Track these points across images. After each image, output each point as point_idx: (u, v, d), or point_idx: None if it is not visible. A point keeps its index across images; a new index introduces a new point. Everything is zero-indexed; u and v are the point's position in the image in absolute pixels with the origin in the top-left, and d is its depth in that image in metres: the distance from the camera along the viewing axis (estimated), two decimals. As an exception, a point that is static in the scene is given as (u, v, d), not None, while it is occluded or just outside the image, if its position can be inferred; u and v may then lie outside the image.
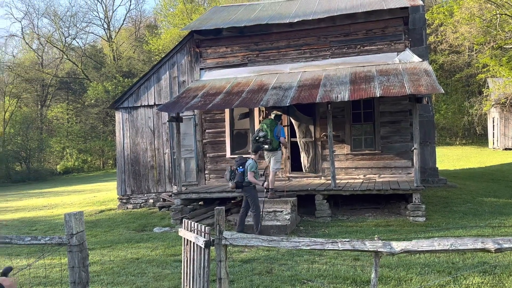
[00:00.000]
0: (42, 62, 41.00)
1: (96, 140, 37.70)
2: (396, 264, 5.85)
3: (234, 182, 8.05)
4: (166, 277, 5.85)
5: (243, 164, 8.07)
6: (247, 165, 8.05)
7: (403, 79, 9.58)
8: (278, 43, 11.81)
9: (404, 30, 11.10)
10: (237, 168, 8.07)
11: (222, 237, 3.91)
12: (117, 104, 13.62)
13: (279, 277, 5.55)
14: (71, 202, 15.65)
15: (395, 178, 10.77)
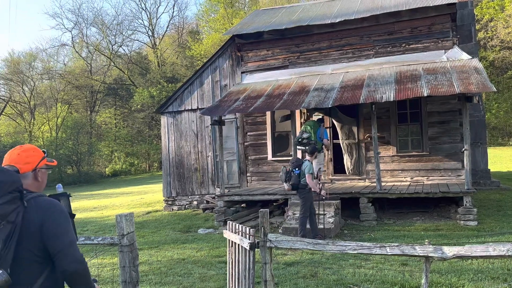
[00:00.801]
0: (91, 69, 42.86)
1: (142, 144, 38.94)
2: (446, 269, 5.62)
3: (290, 184, 7.83)
4: (211, 278, 5.93)
5: (300, 166, 7.84)
6: (304, 167, 7.81)
7: (451, 77, 9.21)
8: (319, 44, 11.71)
9: (451, 27, 10.68)
10: (293, 170, 7.84)
11: (267, 240, 3.92)
12: (163, 108, 14.01)
13: (324, 281, 5.49)
14: (119, 203, 16.25)
15: (445, 180, 10.36)
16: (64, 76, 40.55)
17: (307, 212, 7.94)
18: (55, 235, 1.89)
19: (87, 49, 43.67)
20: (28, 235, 1.87)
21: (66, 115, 38.17)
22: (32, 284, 1.86)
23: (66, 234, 1.93)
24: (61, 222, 1.94)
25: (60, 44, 44.14)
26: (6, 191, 1.81)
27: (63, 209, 2.02)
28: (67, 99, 40.10)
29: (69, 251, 1.91)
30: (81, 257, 1.96)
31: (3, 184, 1.82)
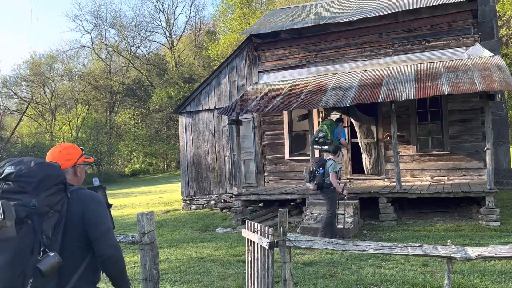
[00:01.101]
0: (110, 70, 43.50)
1: (160, 144, 39.35)
2: (469, 270, 5.52)
3: (316, 184, 7.71)
4: (230, 277, 5.96)
5: (324, 165, 7.72)
6: (328, 166, 7.69)
7: (473, 75, 9.03)
8: (337, 42, 11.63)
9: (472, 24, 10.47)
10: (317, 169, 7.74)
11: (286, 239, 3.91)
12: (180, 109, 14.13)
13: (343, 281, 5.45)
14: (139, 202, 16.46)
15: (466, 180, 10.16)
16: (84, 77, 41.28)
17: (334, 211, 7.82)
18: (95, 223, 2.08)
19: (106, 51, 44.36)
20: (72, 224, 2.05)
21: (86, 115, 38.84)
22: (75, 270, 2.04)
23: (104, 222, 2.13)
24: (100, 211, 2.14)
25: (80, 46, 44.98)
26: (53, 183, 2.01)
27: (101, 200, 2.22)
28: (87, 100, 40.80)
29: (107, 238, 2.10)
30: (117, 244, 2.15)
31: (51, 177, 2.01)
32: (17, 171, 1.97)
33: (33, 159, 2.08)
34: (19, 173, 1.96)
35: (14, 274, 1.85)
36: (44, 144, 34.39)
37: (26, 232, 1.89)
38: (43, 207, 1.94)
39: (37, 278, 1.88)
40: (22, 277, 1.86)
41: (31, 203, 1.92)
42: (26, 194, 1.93)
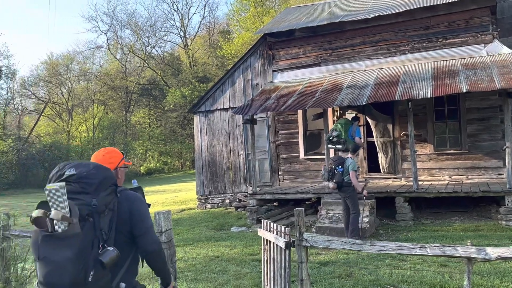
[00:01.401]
0: (126, 70, 43.94)
1: (175, 143, 39.64)
2: (488, 271, 5.43)
3: (335, 182, 7.62)
4: (245, 276, 5.97)
5: (342, 164, 7.64)
6: (348, 164, 7.61)
7: (492, 72, 8.86)
8: (352, 40, 11.53)
9: (491, 20, 10.27)
10: (336, 167, 7.64)
11: (302, 238, 3.90)
12: (195, 108, 14.20)
13: (360, 281, 5.41)
14: (154, 201, 16.60)
15: (485, 179, 9.99)
16: (100, 77, 41.82)
17: (358, 210, 7.71)
18: (139, 221, 2.33)
19: (122, 51, 44.85)
20: (121, 221, 2.28)
21: (102, 115, 39.35)
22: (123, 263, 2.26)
23: (147, 220, 2.39)
24: (143, 210, 2.40)
25: (96, 46, 45.60)
26: (108, 185, 2.23)
27: (144, 200, 2.48)
28: (103, 100, 41.32)
29: (149, 234, 2.36)
30: (158, 239, 2.44)
31: (108, 179, 2.24)
32: (78, 173, 2.17)
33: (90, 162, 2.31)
34: (81, 175, 2.16)
35: (79, 267, 2.02)
36: (61, 143, 34.97)
37: (88, 229, 2.09)
38: (101, 206, 2.16)
39: (98, 270, 2.07)
40: (85, 269, 2.04)
41: (92, 202, 2.12)
42: (87, 195, 2.13)
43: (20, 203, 19.05)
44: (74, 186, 2.13)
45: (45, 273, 2.04)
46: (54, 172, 2.24)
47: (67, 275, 2.01)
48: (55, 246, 2.02)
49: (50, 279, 2.03)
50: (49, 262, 2.02)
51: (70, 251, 2.02)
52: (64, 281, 2.01)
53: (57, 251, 2.02)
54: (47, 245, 2.04)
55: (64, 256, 2.01)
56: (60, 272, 2.02)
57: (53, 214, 2.01)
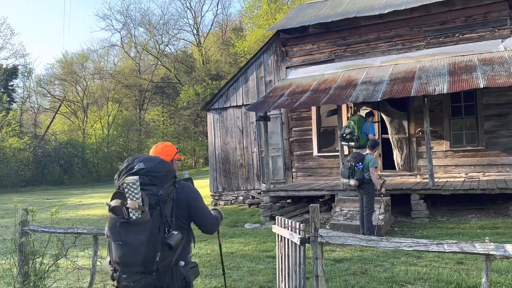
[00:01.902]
0: (139, 69, 44.26)
1: (188, 141, 39.84)
2: (506, 269, 5.35)
3: (357, 179, 7.55)
4: (260, 272, 5.98)
5: (362, 160, 7.57)
6: (368, 160, 7.55)
7: (510, 67, 8.70)
8: (367, 36, 11.43)
9: (509, 15, 10.08)
10: (357, 164, 7.58)
11: (318, 235, 3.88)
12: (208, 105, 14.25)
13: (375, 278, 5.37)
14: (167, 198, 16.72)
15: (502, 176, 9.82)
16: (114, 75, 42.21)
17: (373, 207, 7.69)
18: (198, 209, 2.69)
19: (135, 49, 45.19)
20: (179, 208, 2.58)
21: (116, 113, 39.74)
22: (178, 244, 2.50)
23: (204, 209, 2.74)
24: (199, 199, 2.73)
25: (110, 44, 46.02)
26: (170, 177, 2.55)
27: (197, 190, 2.78)
28: (118, 98, 41.72)
29: (210, 222, 2.78)
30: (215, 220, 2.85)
31: (170, 172, 2.57)
32: (147, 167, 2.47)
33: (155, 157, 2.64)
34: (149, 169, 2.46)
35: (150, 249, 2.36)
36: (77, 141, 35.44)
37: (156, 216, 2.41)
38: (165, 195, 2.46)
39: (164, 251, 2.39)
40: (154, 250, 2.37)
41: (159, 193, 2.43)
42: (155, 186, 2.44)
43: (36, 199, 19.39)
44: (144, 178, 2.42)
45: (122, 254, 2.39)
46: (124, 166, 2.57)
47: (140, 255, 2.36)
48: (131, 231, 2.37)
49: (126, 259, 2.39)
50: (126, 245, 2.37)
51: (143, 236, 2.36)
52: (137, 260, 2.37)
53: (133, 235, 2.37)
54: (124, 230, 2.38)
55: (138, 240, 2.36)
56: (135, 253, 2.37)
57: (129, 204, 2.34)
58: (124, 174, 2.51)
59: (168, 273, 2.47)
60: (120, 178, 2.52)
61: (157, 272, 2.41)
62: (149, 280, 2.41)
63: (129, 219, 2.36)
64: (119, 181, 2.49)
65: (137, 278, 2.40)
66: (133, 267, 2.39)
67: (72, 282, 5.89)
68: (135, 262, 2.38)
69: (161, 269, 2.41)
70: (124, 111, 42.22)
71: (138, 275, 2.40)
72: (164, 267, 2.43)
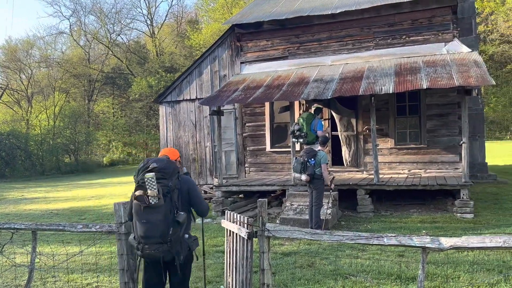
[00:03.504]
0: (89, 58, 42.55)
1: (140, 134, 38.87)
2: (442, 261, 5.67)
3: (308, 175, 7.68)
4: (209, 267, 5.97)
5: (315, 156, 7.73)
6: (320, 157, 7.72)
7: (451, 70, 9.20)
8: (319, 35, 11.65)
9: (452, 20, 10.64)
10: (309, 160, 7.70)
11: (265, 229, 3.93)
12: (161, 98, 13.97)
13: (320, 271, 5.53)
14: (117, 193, 16.27)
15: (442, 173, 10.40)
16: (61, 64, 40.30)
17: (321, 202, 7.90)
18: (196, 197, 3.65)
19: (85, 38, 43.35)
20: (183, 196, 3.52)
21: (63, 103, 37.97)
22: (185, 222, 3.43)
23: (200, 196, 3.72)
24: (196, 188, 3.71)
25: (58, 32, 43.86)
26: (175, 173, 3.48)
27: (194, 181, 3.80)
28: (65, 88, 39.88)
29: (204, 206, 3.73)
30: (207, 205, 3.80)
31: (176, 169, 3.50)
32: (159, 166, 3.38)
33: (163, 158, 3.57)
34: (161, 167, 3.38)
35: (165, 225, 3.29)
36: (20, 132, 33.55)
37: (168, 201, 3.33)
38: (173, 186, 3.39)
39: (175, 227, 3.34)
40: (168, 226, 3.30)
41: (169, 184, 3.37)
42: (166, 180, 3.36)
43: (-27, 193, 18.19)
44: (157, 174, 3.30)
45: (145, 230, 3.29)
46: (142, 166, 3.44)
47: (159, 230, 3.28)
48: (151, 213, 3.27)
49: (149, 233, 3.29)
50: (148, 223, 3.27)
51: (160, 215, 3.28)
52: (156, 234, 3.28)
53: (152, 215, 3.27)
54: (146, 212, 3.27)
55: (157, 219, 3.27)
56: (154, 228, 3.28)
57: (150, 193, 3.26)
58: (142, 172, 3.37)
59: (177, 243, 3.39)
60: (139, 175, 3.38)
61: (170, 242, 3.32)
62: (165, 248, 3.32)
63: (150, 204, 3.26)
64: (139, 177, 3.36)
65: (156, 247, 3.31)
66: (153, 238, 3.30)
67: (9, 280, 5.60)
68: (155, 235, 3.28)
69: (173, 240, 3.33)
70: (72, 102, 40.45)
71: (157, 245, 3.31)
72: (175, 239, 3.35)
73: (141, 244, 3.35)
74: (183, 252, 3.46)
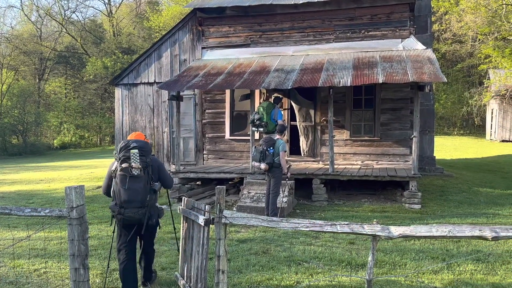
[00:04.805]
0: (41, 35, 40.39)
1: (94, 117, 37.52)
2: (391, 249, 5.93)
3: (267, 163, 7.75)
4: (163, 254, 5.92)
5: (273, 145, 7.82)
6: (279, 145, 7.82)
7: (406, 66, 9.53)
8: (282, 24, 11.68)
9: (409, 17, 10.98)
10: (268, 149, 7.79)
11: (222, 216, 3.94)
12: (117, 80, 13.52)
13: (275, 258, 5.63)
14: (68, 177, 15.67)
15: (393, 165, 10.82)
16: (10, 40, 37.98)
17: (279, 191, 8.02)
18: (163, 172, 4.57)
19: (37, 13, 41.05)
20: (154, 171, 4.37)
21: (12, 82, 35.89)
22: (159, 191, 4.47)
23: (167, 172, 4.71)
24: (164, 167, 4.67)
25: (8, 5, 41.15)
26: (150, 151, 4.31)
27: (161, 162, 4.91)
28: (14, 65, 37.66)
29: (170, 181, 4.69)
30: (173, 180, 4.81)
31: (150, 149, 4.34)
32: (139, 145, 4.20)
33: (142, 140, 4.33)
34: (140, 146, 4.21)
35: (145, 192, 4.19)
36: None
37: (146, 174, 4.21)
38: (149, 162, 4.25)
39: (151, 195, 4.25)
40: (146, 193, 4.20)
41: (147, 160, 4.23)
42: (144, 157, 4.20)
43: None
44: (139, 151, 4.16)
45: (128, 195, 4.13)
46: (124, 145, 4.20)
47: (139, 196, 4.16)
48: (134, 182, 4.15)
49: (131, 198, 4.14)
50: (131, 190, 4.14)
51: (141, 184, 4.17)
52: (137, 199, 4.16)
53: (135, 184, 4.15)
54: (130, 181, 4.13)
55: (139, 187, 4.16)
56: (136, 194, 4.15)
57: (134, 165, 4.13)
58: (125, 149, 4.17)
59: (152, 208, 4.27)
60: (121, 152, 4.17)
61: (147, 207, 4.19)
62: (142, 211, 4.17)
63: (133, 175, 4.13)
64: (121, 154, 4.16)
65: (136, 211, 4.16)
66: (134, 203, 4.14)
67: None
68: (136, 199, 4.15)
69: (149, 205, 4.21)
70: (21, 80, 38.28)
71: (137, 208, 4.16)
72: (151, 204, 4.24)
73: (122, 208, 4.15)
74: (155, 216, 4.40)
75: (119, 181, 4.13)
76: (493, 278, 4.83)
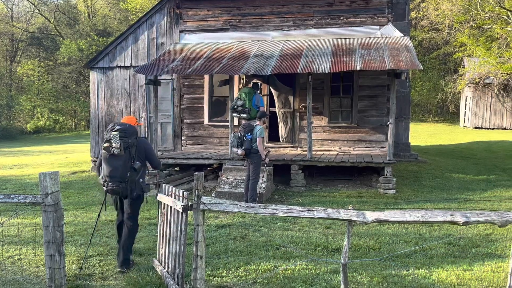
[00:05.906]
0: (12, 15, 38.90)
1: (69, 100, 36.58)
2: (365, 233, 6.07)
3: (244, 149, 7.83)
4: (140, 240, 5.89)
5: (252, 131, 7.88)
6: (256, 131, 7.87)
7: (384, 53, 9.63)
8: (261, 9, 11.58)
9: (387, 4, 11.05)
10: (245, 134, 7.85)
11: (200, 202, 3.94)
12: (92, 63, 13.19)
13: (253, 243, 5.68)
14: (42, 162, 15.32)
15: (369, 151, 11.00)
16: (-21, 19, 36.41)
17: (258, 177, 8.06)
18: (150, 153, 5.05)
19: (7, -8, 39.33)
20: (140, 152, 4.87)
21: (-19, 63, 34.59)
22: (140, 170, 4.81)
23: (154, 154, 5.18)
24: (151, 148, 5.15)
25: (-26, -18, 39.20)
26: (134, 134, 4.79)
27: (150, 143, 5.55)
28: (-17, 46, 36.23)
29: (156, 161, 5.14)
30: (159, 161, 5.30)
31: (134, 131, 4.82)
32: (122, 128, 4.70)
33: (125, 123, 4.84)
34: (123, 129, 4.70)
35: (124, 169, 4.67)
36: None
37: (127, 153, 4.68)
38: (131, 143, 4.71)
39: (132, 172, 4.71)
40: (126, 171, 4.69)
41: (129, 141, 4.69)
42: (126, 138, 4.67)
43: None
44: (120, 133, 4.63)
45: (109, 171, 4.66)
46: (110, 127, 4.74)
47: (118, 172, 4.65)
48: (114, 159, 4.64)
49: (112, 173, 4.65)
50: (112, 166, 4.64)
51: (120, 162, 4.65)
52: (117, 174, 4.65)
53: (115, 161, 4.64)
54: (111, 159, 4.64)
55: (118, 164, 4.64)
56: (116, 170, 4.65)
57: (114, 145, 4.58)
58: (109, 131, 4.68)
59: (133, 183, 4.73)
60: (107, 133, 4.67)
61: (127, 182, 4.69)
62: (123, 185, 4.68)
63: (113, 153, 4.60)
64: (107, 135, 4.66)
65: (117, 184, 4.66)
66: (115, 178, 4.65)
67: None
68: (116, 175, 4.65)
69: (129, 181, 4.70)
70: (-9, 62, 36.90)
71: (118, 182, 4.66)
72: (131, 180, 4.71)
73: (106, 181, 4.71)
74: (137, 190, 4.79)
75: (102, 158, 4.74)
76: (463, 261, 5.02)
